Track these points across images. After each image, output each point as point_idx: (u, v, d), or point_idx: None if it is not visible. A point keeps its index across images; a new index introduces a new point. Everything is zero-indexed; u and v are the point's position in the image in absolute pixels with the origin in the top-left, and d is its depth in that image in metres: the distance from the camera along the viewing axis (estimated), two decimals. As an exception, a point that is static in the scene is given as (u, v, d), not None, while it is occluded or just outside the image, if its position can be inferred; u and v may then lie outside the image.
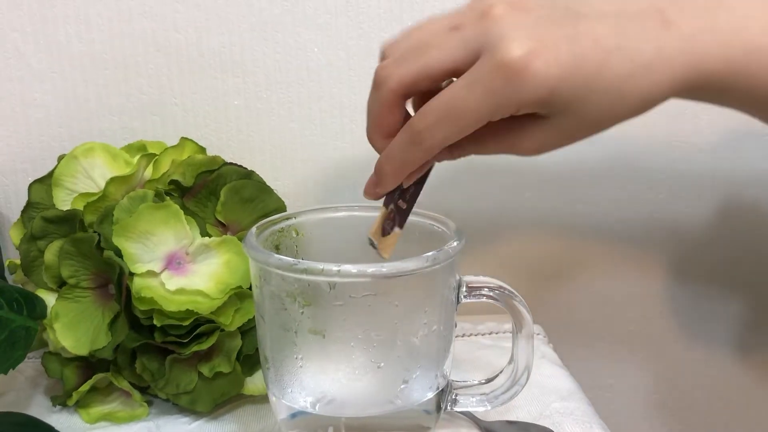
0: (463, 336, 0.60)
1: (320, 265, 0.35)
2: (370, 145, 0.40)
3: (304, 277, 0.36)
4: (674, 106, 0.38)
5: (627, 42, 0.33)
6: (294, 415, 0.40)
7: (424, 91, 0.36)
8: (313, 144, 0.61)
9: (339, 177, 0.62)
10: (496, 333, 0.60)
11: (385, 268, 0.36)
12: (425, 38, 0.36)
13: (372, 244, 0.40)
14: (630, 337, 0.68)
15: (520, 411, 0.49)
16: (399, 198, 0.39)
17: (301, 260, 0.36)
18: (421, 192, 0.40)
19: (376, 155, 0.40)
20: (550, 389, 0.51)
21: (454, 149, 0.38)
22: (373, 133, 0.38)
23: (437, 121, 0.35)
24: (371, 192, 0.39)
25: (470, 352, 0.57)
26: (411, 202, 0.40)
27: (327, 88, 0.59)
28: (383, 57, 0.38)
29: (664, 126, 0.62)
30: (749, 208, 0.64)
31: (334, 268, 0.35)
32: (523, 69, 0.32)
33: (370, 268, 0.36)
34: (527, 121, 0.36)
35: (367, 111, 0.38)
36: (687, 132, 0.62)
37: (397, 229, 0.39)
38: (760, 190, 0.63)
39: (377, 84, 0.37)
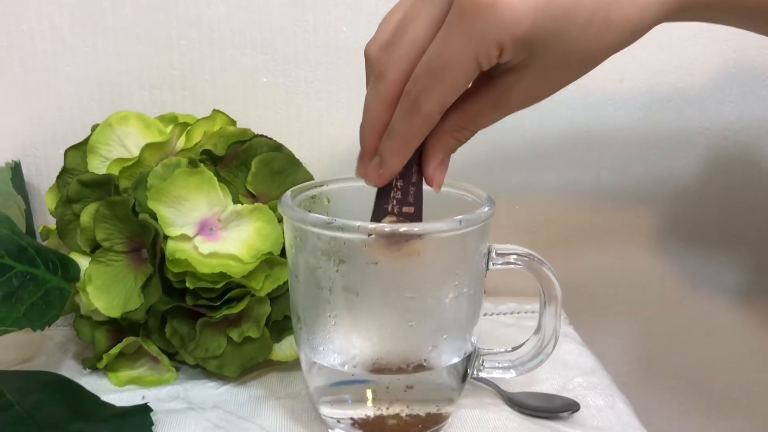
0: (484, 315, 0.60)
1: (356, 223, 0.36)
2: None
3: (339, 234, 0.36)
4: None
5: None
6: (324, 374, 0.41)
7: None
8: (339, 121, 0.61)
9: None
10: (518, 313, 0.61)
11: (418, 227, 0.37)
12: (402, 15, 0.35)
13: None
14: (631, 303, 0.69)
15: (543, 384, 0.49)
16: (400, 206, 0.38)
17: (336, 219, 0.36)
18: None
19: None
20: (572, 365, 0.52)
21: (456, 132, 0.37)
22: (367, 128, 0.37)
23: (428, 82, 0.33)
24: (374, 176, 0.38)
25: (492, 331, 0.58)
26: (417, 204, 0.38)
27: (354, 66, 0.60)
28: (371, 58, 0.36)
29: (645, 81, 0.62)
30: (738, 157, 0.64)
31: (370, 225, 0.36)
32: (496, 2, 0.31)
33: (403, 227, 0.36)
34: (513, 73, 0.35)
35: (365, 107, 0.37)
36: (675, 88, 0.62)
37: None
38: (750, 139, 0.64)
39: (377, 78, 0.35)
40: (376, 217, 0.39)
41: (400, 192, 0.39)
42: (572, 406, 0.45)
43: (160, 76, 0.59)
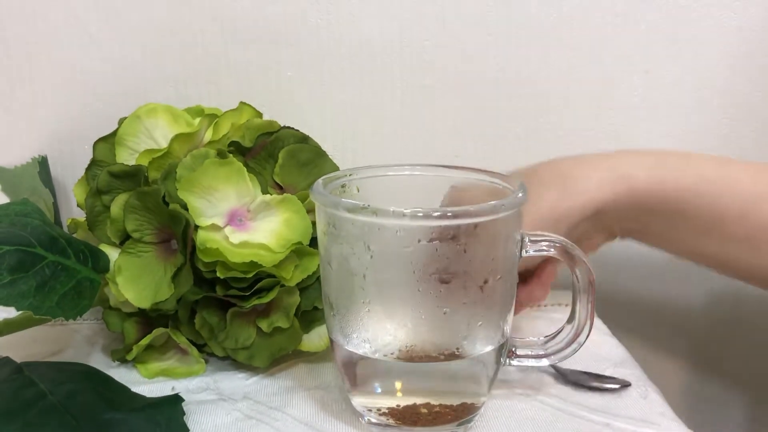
0: (510, 308, 0.60)
1: (390, 208, 0.36)
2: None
3: (373, 219, 0.36)
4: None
5: None
6: (355, 362, 0.40)
7: None
8: (363, 116, 0.61)
9: (388, 150, 0.62)
10: (545, 305, 0.60)
11: (451, 212, 0.37)
12: None
13: None
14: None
15: (574, 375, 0.49)
16: None
17: (370, 204, 0.36)
18: None
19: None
20: (602, 356, 0.52)
21: None
22: None
23: None
24: None
25: (518, 322, 0.57)
26: None
27: (379, 60, 0.60)
28: None
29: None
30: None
31: (405, 210, 0.36)
32: None
33: (437, 212, 0.36)
34: None
35: None
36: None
37: None
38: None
39: None
40: None
41: None
42: (623, 383, 0.46)
43: (184, 71, 0.59)
